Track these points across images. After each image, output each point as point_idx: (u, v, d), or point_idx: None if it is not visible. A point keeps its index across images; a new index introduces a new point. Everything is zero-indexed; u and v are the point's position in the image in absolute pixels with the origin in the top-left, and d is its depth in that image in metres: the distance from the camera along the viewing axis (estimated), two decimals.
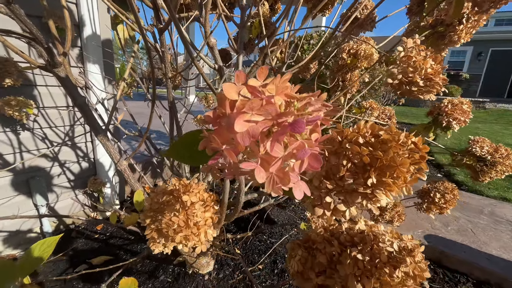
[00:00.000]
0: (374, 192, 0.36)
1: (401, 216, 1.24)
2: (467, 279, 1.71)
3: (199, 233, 0.50)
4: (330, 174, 0.39)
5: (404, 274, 0.40)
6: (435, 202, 1.21)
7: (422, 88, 0.62)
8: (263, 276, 1.59)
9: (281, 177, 0.22)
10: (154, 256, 1.72)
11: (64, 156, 1.87)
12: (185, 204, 0.48)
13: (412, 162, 0.35)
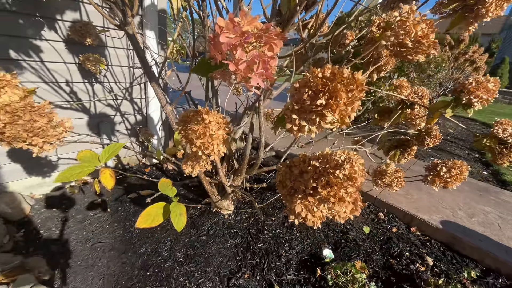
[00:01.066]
0: (323, 111, 0.52)
1: (400, 182, 1.32)
2: (476, 265, 1.72)
3: (212, 144, 0.72)
4: (298, 100, 0.56)
5: (343, 175, 0.56)
6: (440, 175, 1.25)
7: (411, 49, 0.70)
8: (274, 226, 1.83)
9: (245, 72, 0.41)
10: (187, 197, 2.07)
11: (124, 108, 2.28)
12: (205, 120, 0.70)
13: (349, 89, 0.50)
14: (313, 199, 0.62)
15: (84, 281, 1.33)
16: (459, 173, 1.22)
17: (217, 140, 0.72)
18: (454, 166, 1.24)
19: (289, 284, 1.44)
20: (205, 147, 0.72)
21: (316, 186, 0.62)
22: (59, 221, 1.70)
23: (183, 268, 1.45)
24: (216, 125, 0.72)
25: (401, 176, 1.36)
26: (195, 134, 0.69)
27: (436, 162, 1.33)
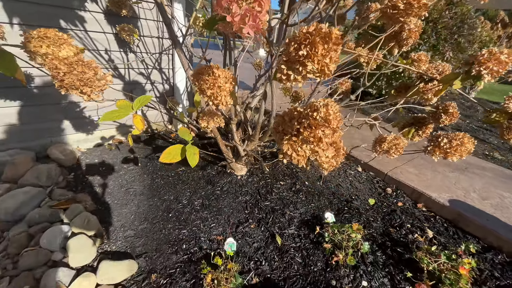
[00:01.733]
0: (304, 61, 0.64)
1: (398, 149, 1.38)
2: (478, 242, 1.75)
3: (221, 95, 0.86)
4: (287, 52, 0.68)
5: (320, 117, 0.68)
6: (440, 146, 1.29)
7: (402, 11, 0.76)
8: (282, 189, 2.00)
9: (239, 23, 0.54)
10: (206, 159, 2.30)
11: (154, 77, 2.51)
12: (215, 74, 0.84)
13: (325, 42, 0.60)
14: (296, 139, 0.76)
15: (119, 214, 1.63)
16: (460, 145, 1.24)
17: (224, 91, 0.87)
18: (456, 138, 1.26)
19: (289, 237, 1.62)
20: (215, 97, 0.87)
21: (299, 128, 0.75)
22: (100, 170, 2.02)
23: (199, 214, 1.69)
24: (224, 79, 0.86)
25: (400, 144, 1.41)
26: (206, 84, 0.84)
27: (439, 134, 1.36)
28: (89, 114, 2.25)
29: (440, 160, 2.78)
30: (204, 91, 0.86)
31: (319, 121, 0.71)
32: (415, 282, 1.39)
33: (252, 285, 1.34)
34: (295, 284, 1.36)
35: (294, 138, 0.76)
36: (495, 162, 3.10)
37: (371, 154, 2.67)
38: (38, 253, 1.25)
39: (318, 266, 1.46)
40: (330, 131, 0.72)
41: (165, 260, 1.40)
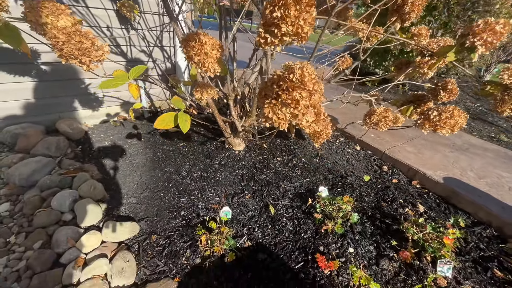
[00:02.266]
0: (279, 22, 0.67)
1: (387, 121, 1.40)
2: (468, 217, 1.79)
3: (208, 61, 0.91)
4: (264, 16, 0.71)
5: (296, 79, 0.72)
6: (430, 119, 1.30)
7: None
8: (278, 164, 2.06)
9: None
10: (206, 135, 2.37)
11: (155, 55, 2.54)
12: (201, 40, 0.88)
13: (297, 3, 0.63)
14: (276, 102, 0.80)
15: (122, 183, 1.75)
16: (449, 117, 1.25)
17: (211, 58, 0.91)
18: (445, 110, 1.27)
19: (282, 208, 1.70)
20: (202, 63, 0.91)
21: (279, 91, 0.79)
22: (106, 144, 2.13)
23: (197, 185, 1.79)
24: (211, 46, 0.90)
25: (389, 116, 1.43)
26: (193, 50, 0.88)
27: (430, 107, 1.36)
28: (94, 91, 2.33)
29: (441, 141, 2.78)
30: (191, 58, 0.90)
31: (295, 83, 0.74)
32: (399, 249, 1.46)
33: (245, 248, 1.44)
34: (285, 249, 1.45)
35: (274, 101, 0.81)
36: (501, 144, 3.05)
37: (369, 133, 2.69)
38: (50, 213, 1.38)
39: (308, 233, 1.54)
40: (306, 93, 0.76)
41: (164, 224, 1.51)
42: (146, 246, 1.38)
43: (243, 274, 1.30)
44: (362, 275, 1.23)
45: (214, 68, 0.93)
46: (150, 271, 1.27)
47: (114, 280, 1.15)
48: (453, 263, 1.35)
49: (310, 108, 0.82)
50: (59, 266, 1.21)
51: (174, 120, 1.20)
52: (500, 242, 1.60)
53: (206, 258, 1.34)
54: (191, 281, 1.25)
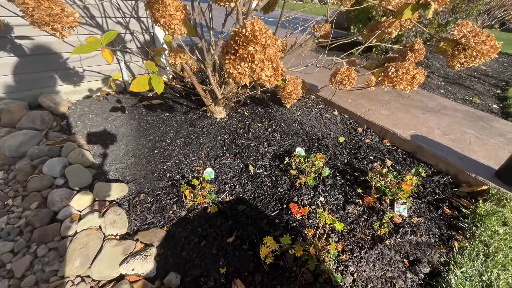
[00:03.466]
0: None
1: (350, 80, 1.51)
2: (430, 168, 1.99)
3: (173, 23, 0.97)
4: None
5: (248, 33, 0.81)
6: (389, 75, 1.42)
7: None
8: (258, 130, 2.18)
9: None
10: (189, 106, 2.44)
11: (132, 26, 2.51)
12: (164, 2, 0.94)
13: None
14: (234, 57, 0.89)
15: (110, 152, 1.84)
16: (405, 73, 1.37)
17: (176, 20, 0.97)
18: (402, 66, 1.38)
19: (261, 167, 1.85)
20: (168, 25, 0.97)
21: (236, 47, 0.88)
22: (90, 117, 2.19)
23: (181, 150, 1.90)
24: (175, 7, 0.96)
25: (351, 75, 1.53)
26: (158, 13, 0.94)
27: (389, 64, 1.47)
28: (73, 65, 2.33)
29: (415, 104, 2.94)
30: (157, 20, 0.96)
31: (248, 38, 0.83)
32: (364, 196, 1.65)
33: (226, 202, 1.59)
34: (263, 201, 1.62)
35: (233, 57, 0.90)
36: (472, 106, 3.23)
37: (347, 98, 2.81)
38: (42, 178, 1.48)
39: (284, 187, 1.71)
40: (260, 47, 0.85)
41: (152, 185, 1.64)
42: (136, 203, 1.52)
43: (224, 222, 1.46)
44: (328, 217, 1.41)
45: (181, 30, 1.00)
46: (140, 223, 1.42)
47: (107, 230, 1.30)
48: (408, 203, 1.55)
49: (266, 62, 0.91)
50: (57, 222, 1.34)
51: (148, 82, 1.27)
52: (454, 187, 1.81)
53: (190, 210, 1.50)
54: (178, 230, 1.41)
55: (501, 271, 1.24)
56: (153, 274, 1.21)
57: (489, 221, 1.46)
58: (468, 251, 1.33)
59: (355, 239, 1.42)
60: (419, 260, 1.33)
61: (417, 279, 1.26)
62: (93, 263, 1.16)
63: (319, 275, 1.22)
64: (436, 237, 1.45)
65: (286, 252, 1.31)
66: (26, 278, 1.12)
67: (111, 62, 1.23)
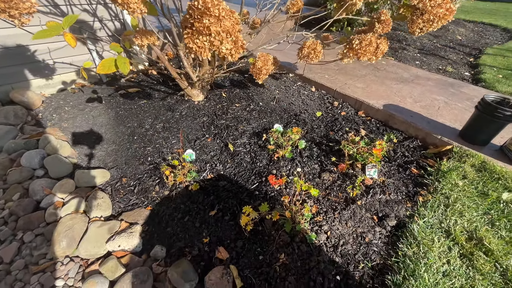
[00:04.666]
0: None
1: (316, 53, 1.56)
2: (401, 134, 2.10)
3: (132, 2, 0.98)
4: None
5: (200, 6, 0.84)
6: (353, 47, 1.47)
7: None
8: (237, 110, 2.22)
9: None
10: (167, 91, 2.44)
11: (101, 13, 2.44)
12: None
13: None
14: (191, 31, 0.92)
15: (89, 141, 1.86)
16: (368, 44, 1.42)
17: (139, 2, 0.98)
18: (364, 38, 1.43)
19: (241, 145, 1.91)
20: (126, 4, 0.98)
21: (191, 21, 0.91)
22: (66, 109, 2.17)
23: (161, 135, 1.93)
24: None
25: (317, 48, 1.58)
26: None
27: (353, 37, 1.52)
28: (42, 57, 2.27)
29: (390, 76, 3.02)
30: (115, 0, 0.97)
31: (201, 10, 0.86)
32: (338, 163, 1.74)
33: (208, 179, 1.66)
34: (243, 176, 1.69)
35: (190, 31, 0.92)
36: (445, 74, 3.35)
37: (324, 75, 2.86)
38: (22, 170, 1.50)
39: (263, 162, 1.78)
40: (214, 18, 0.88)
41: (134, 169, 1.68)
42: (119, 187, 1.56)
43: (206, 198, 1.53)
44: (303, 184, 1.49)
45: (140, 8, 1.01)
46: (124, 204, 1.47)
47: (92, 213, 1.35)
48: (378, 167, 1.65)
49: (224, 34, 0.94)
50: (41, 210, 1.37)
51: (114, 64, 1.28)
52: (423, 150, 1.93)
53: (172, 190, 1.56)
54: (161, 208, 1.48)
55: (458, 218, 1.38)
56: (139, 249, 1.27)
57: (450, 176, 1.58)
58: (431, 203, 1.46)
59: (330, 203, 1.52)
60: (387, 216, 1.45)
61: (385, 231, 1.38)
62: (79, 243, 1.22)
63: (295, 236, 1.32)
64: (403, 194, 1.58)
65: (265, 219, 1.40)
66: (15, 262, 1.17)
67: (74, 46, 1.23)
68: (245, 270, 1.22)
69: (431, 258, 1.20)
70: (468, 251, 1.24)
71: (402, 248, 1.27)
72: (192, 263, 1.23)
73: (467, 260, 1.21)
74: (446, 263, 1.20)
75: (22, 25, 1.17)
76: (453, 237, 1.29)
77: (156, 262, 1.22)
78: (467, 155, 1.72)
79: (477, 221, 1.35)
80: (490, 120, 1.67)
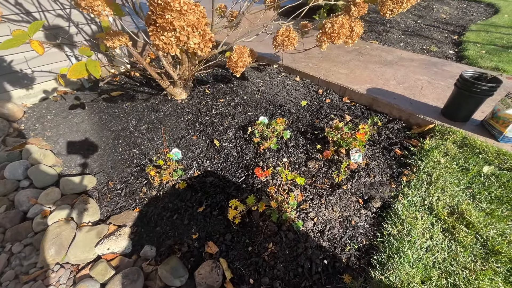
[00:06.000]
0: None
1: (291, 40, 1.55)
2: (385, 117, 2.11)
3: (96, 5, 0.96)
4: None
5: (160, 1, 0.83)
6: (326, 32, 1.47)
7: None
8: (221, 105, 2.22)
9: None
10: (150, 92, 2.43)
11: (75, 18, 2.39)
12: None
13: None
14: (155, 27, 0.91)
15: (73, 148, 1.85)
16: (341, 27, 1.42)
17: (97, 1, 0.96)
18: (336, 21, 1.43)
19: (227, 140, 1.91)
20: (91, 7, 0.97)
21: (155, 18, 0.90)
22: (49, 118, 2.14)
23: (146, 136, 1.92)
24: None
25: (291, 35, 1.57)
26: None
27: (325, 21, 1.51)
28: (20, 67, 2.23)
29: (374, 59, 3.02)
30: (79, 4, 0.95)
31: (162, 5, 0.85)
32: (323, 151, 1.76)
33: (195, 177, 1.67)
34: (230, 170, 1.70)
35: (154, 27, 0.91)
36: (429, 54, 3.36)
37: (308, 63, 2.85)
38: (6, 182, 1.49)
39: (249, 155, 1.79)
40: (176, 13, 0.87)
41: (120, 173, 1.68)
42: (105, 192, 1.56)
43: (194, 195, 1.54)
44: (289, 174, 1.51)
45: (106, 11, 0.99)
46: (112, 208, 1.48)
47: (79, 219, 1.35)
48: (362, 150, 1.67)
49: (189, 28, 0.94)
50: (28, 220, 1.37)
51: (85, 68, 1.26)
52: (407, 131, 1.95)
53: (159, 189, 1.56)
54: (150, 209, 1.48)
55: (440, 194, 1.41)
56: (129, 250, 1.29)
57: (432, 154, 1.61)
58: (414, 182, 1.49)
59: (316, 190, 1.54)
60: (372, 198, 1.48)
61: (370, 213, 1.41)
62: (68, 249, 1.23)
63: (282, 224, 1.35)
64: (388, 176, 1.60)
65: (252, 211, 1.41)
66: (5, 274, 1.17)
67: (42, 53, 1.21)
68: (235, 262, 1.24)
69: (415, 235, 1.23)
70: (450, 225, 1.27)
71: (387, 228, 1.29)
72: (181, 259, 1.25)
73: (449, 234, 1.24)
74: (429, 238, 1.23)
75: None
76: (435, 213, 1.32)
77: (146, 262, 1.24)
78: (449, 132, 1.75)
79: (458, 196, 1.38)
80: (469, 95, 1.69)
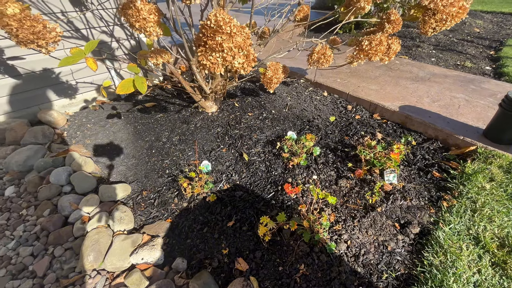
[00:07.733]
0: None
1: (326, 58, 1.55)
2: (420, 136, 2.03)
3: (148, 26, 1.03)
4: None
5: (213, 24, 0.87)
6: (363, 48, 1.45)
7: None
8: (250, 119, 2.25)
9: None
10: (181, 104, 2.52)
11: (117, 34, 2.57)
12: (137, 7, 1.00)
13: None
14: (204, 48, 0.95)
15: (111, 156, 1.94)
16: (379, 44, 1.40)
17: (150, 22, 1.03)
18: (374, 38, 1.41)
19: (255, 154, 1.92)
20: (143, 28, 1.03)
21: (204, 39, 0.94)
22: (89, 126, 2.28)
23: (177, 147, 1.98)
24: (147, 11, 1.01)
25: (327, 53, 1.57)
26: (132, 18, 1.00)
27: (363, 38, 1.50)
28: (66, 79, 2.41)
29: (405, 75, 2.96)
30: (133, 25, 1.02)
31: (214, 28, 0.89)
32: (355, 169, 1.71)
33: (224, 190, 1.68)
34: (259, 185, 1.70)
35: (203, 48, 0.96)
36: (464, 70, 3.22)
37: (336, 78, 2.84)
38: (51, 187, 1.59)
39: (278, 170, 1.78)
40: (226, 36, 0.91)
41: (153, 182, 1.74)
42: (139, 201, 1.61)
43: (223, 208, 1.55)
44: (320, 192, 1.48)
45: (156, 31, 1.06)
46: (145, 217, 1.52)
47: (115, 227, 1.40)
48: (397, 171, 1.61)
49: (236, 49, 0.97)
50: (69, 225, 1.45)
51: (132, 84, 1.34)
52: (444, 152, 1.85)
53: (191, 201, 1.59)
54: (181, 220, 1.51)
55: (487, 224, 1.31)
56: (161, 261, 1.31)
57: (476, 178, 1.51)
58: (456, 208, 1.40)
59: (348, 210, 1.49)
60: (410, 222, 1.40)
61: (408, 239, 1.33)
62: (105, 257, 1.27)
63: (314, 245, 1.31)
64: (426, 200, 1.52)
65: (282, 229, 1.39)
66: (48, 276, 1.23)
67: (96, 70, 1.31)
68: (265, 281, 1.21)
69: (460, 267, 1.14)
70: (501, 259, 1.17)
71: (428, 257, 1.21)
72: (212, 274, 1.24)
73: (500, 269, 1.14)
74: (476, 272, 1.14)
75: (48, 53, 1.27)
76: (483, 245, 1.22)
77: (178, 274, 1.25)
78: (493, 156, 1.64)
79: (508, 227, 1.28)
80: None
